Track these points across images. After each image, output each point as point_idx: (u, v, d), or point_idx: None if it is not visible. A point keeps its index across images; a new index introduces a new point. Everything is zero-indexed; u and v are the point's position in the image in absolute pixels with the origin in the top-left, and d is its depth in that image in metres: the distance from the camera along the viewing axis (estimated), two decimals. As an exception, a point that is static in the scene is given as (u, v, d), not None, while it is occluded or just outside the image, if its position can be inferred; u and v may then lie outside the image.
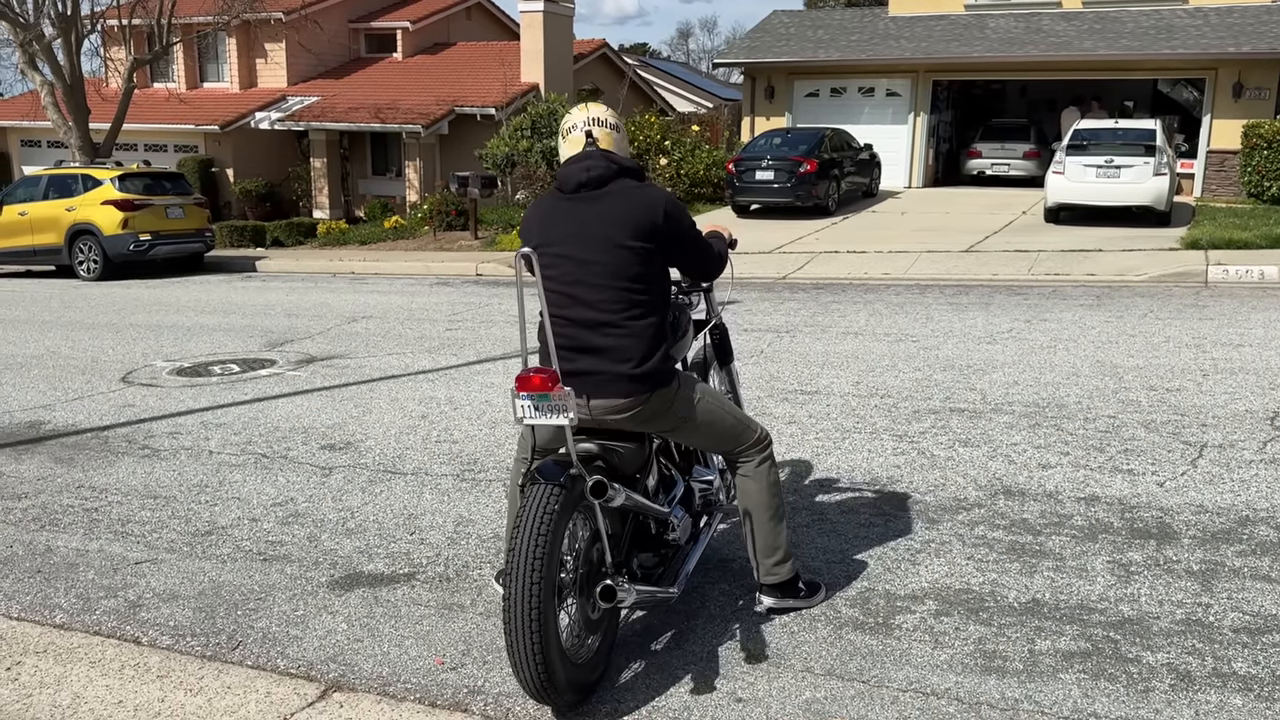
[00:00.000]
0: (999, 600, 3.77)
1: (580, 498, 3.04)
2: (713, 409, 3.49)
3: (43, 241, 16.45)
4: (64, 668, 3.56)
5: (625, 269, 3.22)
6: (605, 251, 3.22)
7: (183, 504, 5.16)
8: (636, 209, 3.24)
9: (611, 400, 3.22)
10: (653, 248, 3.26)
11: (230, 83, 27.22)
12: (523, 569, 2.87)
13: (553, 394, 2.96)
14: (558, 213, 3.31)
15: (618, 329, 3.21)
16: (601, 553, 3.17)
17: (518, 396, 2.99)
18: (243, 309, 12.01)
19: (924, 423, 6.04)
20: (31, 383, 8.12)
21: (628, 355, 3.21)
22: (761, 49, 23.63)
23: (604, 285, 3.22)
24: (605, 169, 3.28)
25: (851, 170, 19.74)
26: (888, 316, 9.68)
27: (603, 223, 3.23)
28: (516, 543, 2.90)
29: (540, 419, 3.01)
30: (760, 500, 3.58)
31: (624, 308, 3.22)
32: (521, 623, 2.86)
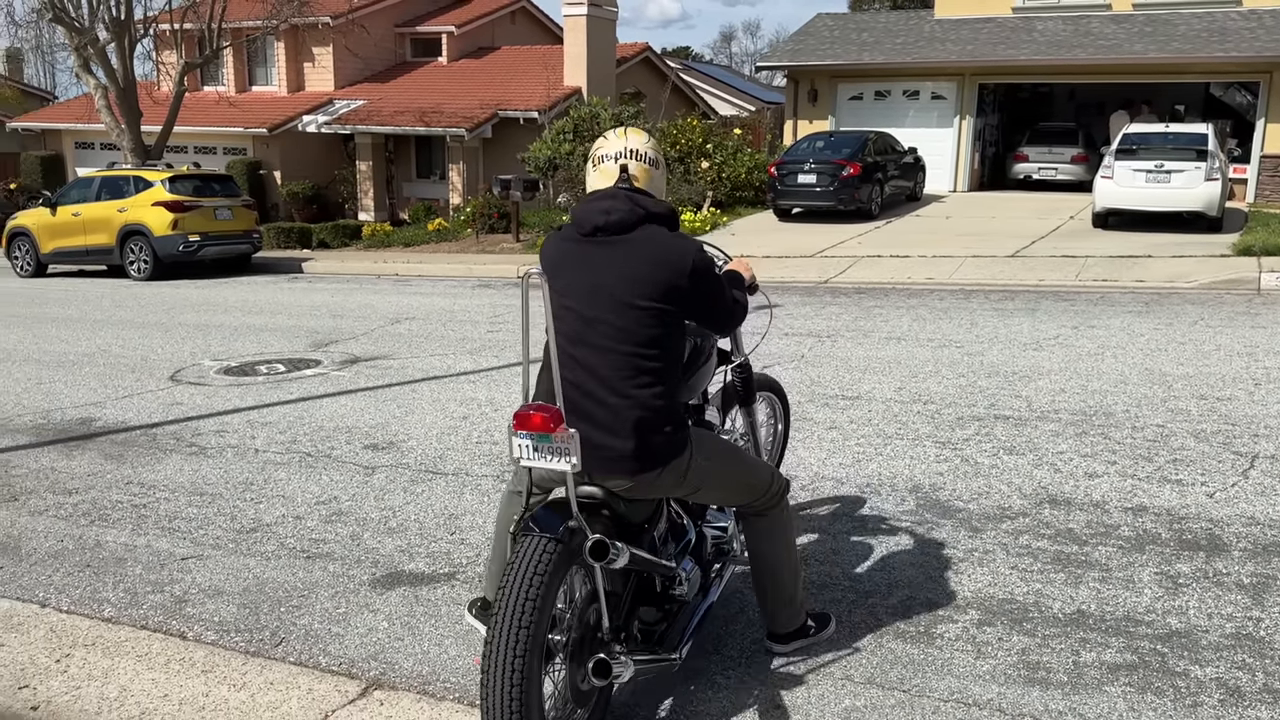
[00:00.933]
0: (1043, 611, 3.72)
1: (578, 552, 2.69)
2: (730, 469, 3.15)
3: (95, 242, 16.76)
4: (112, 660, 3.62)
5: (637, 332, 2.83)
6: (615, 310, 2.83)
7: (229, 501, 5.24)
8: (660, 265, 2.83)
9: (615, 479, 2.86)
10: (672, 309, 2.87)
11: (279, 86, 27.61)
12: (507, 630, 2.55)
13: (555, 435, 2.66)
14: (569, 257, 2.93)
15: (623, 399, 2.82)
16: (599, 615, 2.82)
17: (515, 434, 2.70)
18: (289, 309, 12.16)
19: (968, 430, 5.97)
20: (83, 380, 8.28)
21: (632, 431, 2.82)
22: (805, 52, 23.53)
23: (609, 349, 2.83)
24: (629, 213, 2.87)
25: (895, 174, 19.59)
26: (931, 322, 9.59)
27: (618, 277, 2.84)
28: (503, 599, 2.58)
29: (539, 462, 2.70)
30: (778, 555, 3.31)
31: (631, 375, 2.82)
32: (500, 691, 2.54)
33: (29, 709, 3.34)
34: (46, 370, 8.75)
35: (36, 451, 6.26)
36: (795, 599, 3.37)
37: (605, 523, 2.83)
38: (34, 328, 11.26)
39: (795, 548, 3.38)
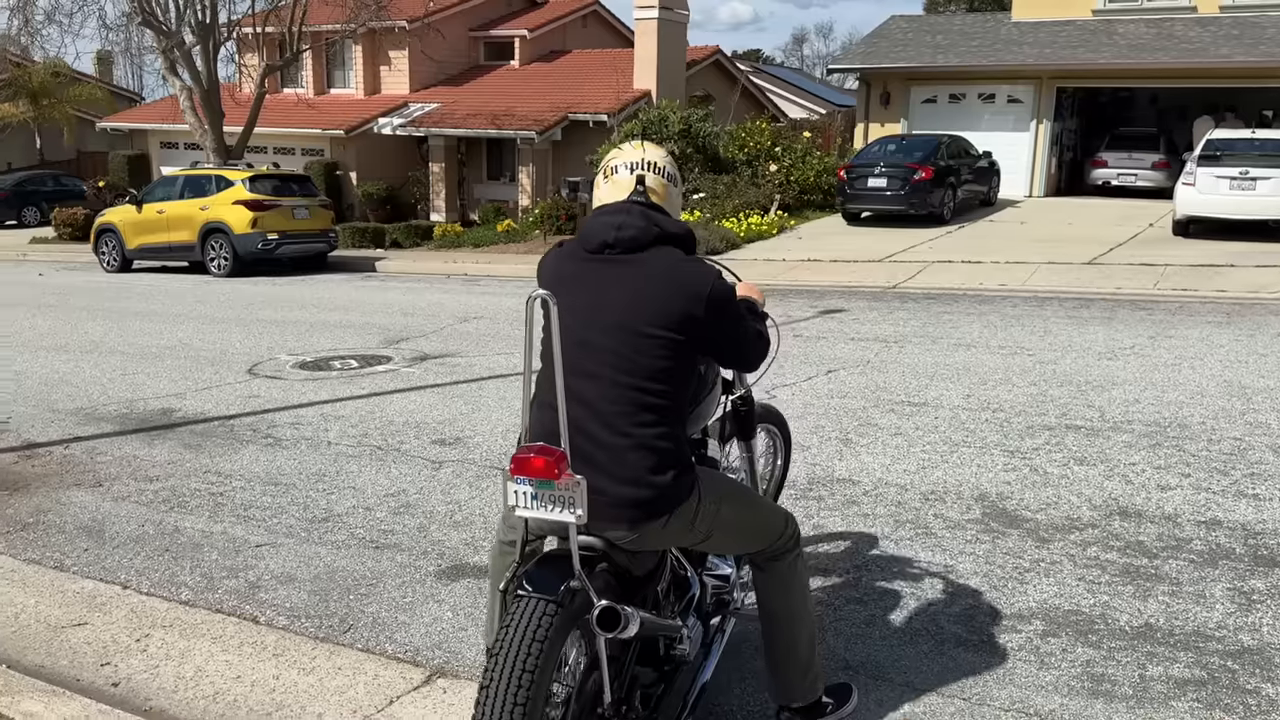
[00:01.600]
0: (1110, 623, 3.66)
1: (579, 615, 2.37)
2: (741, 513, 2.82)
3: (178, 239, 17.28)
4: (188, 642, 3.76)
5: (643, 362, 2.51)
6: (619, 337, 2.52)
7: (302, 491, 5.38)
8: (672, 292, 2.52)
9: (615, 529, 2.51)
10: (682, 340, 2.54)
11: (356, 89, 28.15)
12: (500, 706, 2.22)
13: (559, 483, 2.29)
14: (571, 274, 2.60)
15: (623, 438, 2.50)
16: (598, 684, 2.47)
17: (512, 480, 2.33)
18: (362, 307, 12.42)
19: (1037, 439, 5.88)
20: (165, 372, 8.56)
21: (636, 473, 2.49)
22: (878, 55, 23.31)
23: (610, 380, 2.52)
24: (643, 230, 2.56)
25: (969, 178, 19.32)
26: (1003, 329, 9.44)
27: (626, 300, 2.52)
28: (494, 670, 2.25)
29: (539, 513, 2.33)
30: (793, 609, 2.92)
31: (633, 411, 2.50)
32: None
33: (110, 685, 3.48)
34: (131, 361, 9.07)
35: (120, 439, 6.49)
36: (812, 665, 2.95)
37: (606, 578, 2.49)
38: (120, 321, 11.66)
39: (811, 601, 3.00)
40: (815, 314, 10.73)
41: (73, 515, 5.10)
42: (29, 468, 5.93)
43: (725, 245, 16.43)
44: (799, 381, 7.46)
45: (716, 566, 3.28)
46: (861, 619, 3.76)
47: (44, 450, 6.29)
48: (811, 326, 9.92)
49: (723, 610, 3.26)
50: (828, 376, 7.62)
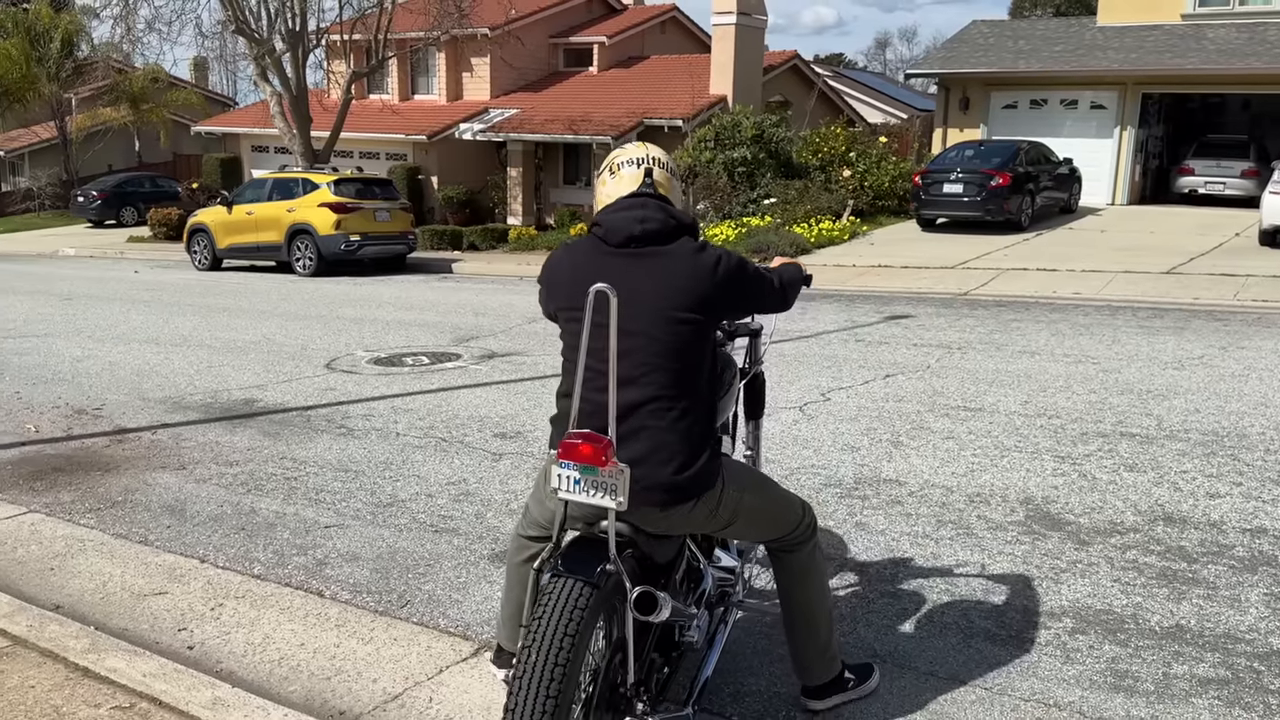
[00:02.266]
0: (1140, 623, 3.71)
1: (610, 598, 2.46)
2: (762, 501, 2.92)
3: (266, 239, 17.96)
4: (258, 612, 4.04)
5: (676, 347, 2.64)
6: (654, 324, 2.62)
7: (370, 478, 5.67)
8: (698, 277, 2.67)
9: (647, 510, 2.59)
10: (705, 320, 2.69)
11: (439, 95, 28.82)
12: (536, 685, 2.28)
13: (603, 469, 2.36)
14: (596, 269, 2.65)
15: (659, 421, 2.61)
16: (623, 663, 2.56)
17: (559, 465, 2.41)
18: (436, 307, 12.81)
19: (1090, 445, 5.89)
20: (249, 365, 8.99)
21: (670, 455, 2.61)
22: (958, 59, 23.10)
23: (647, 365, 2.62)
24: (664, 223, 2.70)
25: (1048, 185, 19.07)
26: (1070, 337, 9.38)
27: (656, 290, 2.64)
28: (531, 647, 2.32)
29: (581, 496, 2.41)
30: (811, 596, 3.05)
31: (670, 396, 2.63)
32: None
33: (185, 648, 3.77)
34: (217, 355, 9.53)
35: (204, 427, 6.88)
36: (830, 646, 3.10)
37: (633, 563, 2.58)
38: (208, 316, 12.22)
39: (828, 587, 3.17)
40: (880, 319, 10.77)
41: (158, 495, 5.46)
42: (119, 451, 6.34)
43: (795, 250, 16.48)
44: (856, 385, 7.55)
45: (721, 559, 3.39)
46: (893, 611, 3.87)
47: (134, 435, 6.70)
48: (875, 331, 9.96)
49: (725, 602, 3.37)
50: (885, 380, 7.68)
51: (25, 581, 4.37)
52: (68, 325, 11.63)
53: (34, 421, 7.09)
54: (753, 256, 16.34)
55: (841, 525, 4.76)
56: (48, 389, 8.14)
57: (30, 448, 6.44)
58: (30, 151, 37.19)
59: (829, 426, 6.43)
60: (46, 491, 5.56)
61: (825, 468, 5.59)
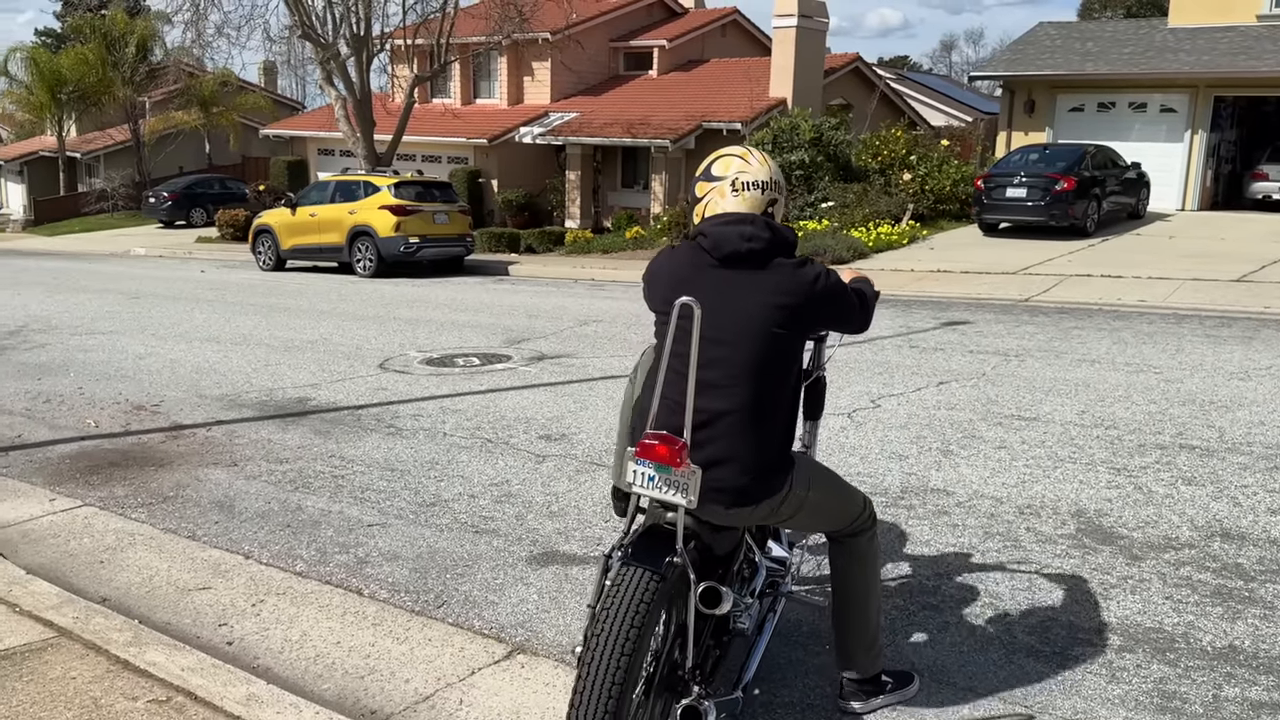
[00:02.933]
0: (1191, 643, 3.58)
1: (675, 587, 2.59)
2: (828, 496, 3.01)
3: (328, 240, 18.25)
4: (297, 608, 4.08)
5: (764, 361, 2.73)
6: (748, 337, 2.73)
7: (414, 477, 5.71)
8: (795, 294, 2.74)
9: (713, 507, 2.73)
10: (795, 334, 2.79)
11: (500, 99, 29.07)
12: (604, 662, 2.43)
13: (677, 469, 2.50)
14: (696, 278, 2.77)
15: (738, 431, 2.72)
16: (683, 648, 2.68)
17: (635, 461, 2.55)
18: (490, 309, 12.89)
19: (1147, 457, 5.72)
20: (304, 364, 9.13)
21: (744, 465, 2.72)
22: (1023, 61, 22.68)
23: (734, 377, 2.72)
24: (769, 241, 2.75)
25: (1115, 190, 18.62)
26: (1133, 345, 9.13)
27: (753, 304, 2.72)
28: (600, 631, 2.47)
29: (655, 493, 2.55)
30: (866, 583, 3.11)
31: (755, 407, 2.73)
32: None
33: (225, 643, 3.82)
34: (274, 354, 9.70)
35: (258, 424, 6.99)
36: (877, 640, 3.15)
37: (694, 555, 2.69)
38: (268, 316, 12.44)
39: (880, 581, 3.22)
40: (937, 325, 10.60)
41: (208, 491, 5.55)
42: (174, 447, 6.47)
43: (852, 255, 16.31)
44: (907, 392, 7.42)
45: (772, 549, 3.46)
46: (935, 625, 3.78)
47: (189, 431, 6.83)
48: (931, 338, 9.80)
49: (774, 591, 3.43)
50: (938, 388, 7.55)
51: (76, 574, 4.47)
52: (133, 323, 11.92)
53: (94, 417, 7.27)
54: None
55: (885, 535, 4.67)
56: (110, 385, 8.35)
57: (89, 442, 6.60)
58: (106, 153, 38.29)
59: (878, 434, 6.33)
60: (102, 485, 5.69)
61: (871, 476, 5.50)
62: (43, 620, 3.86)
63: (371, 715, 3.31)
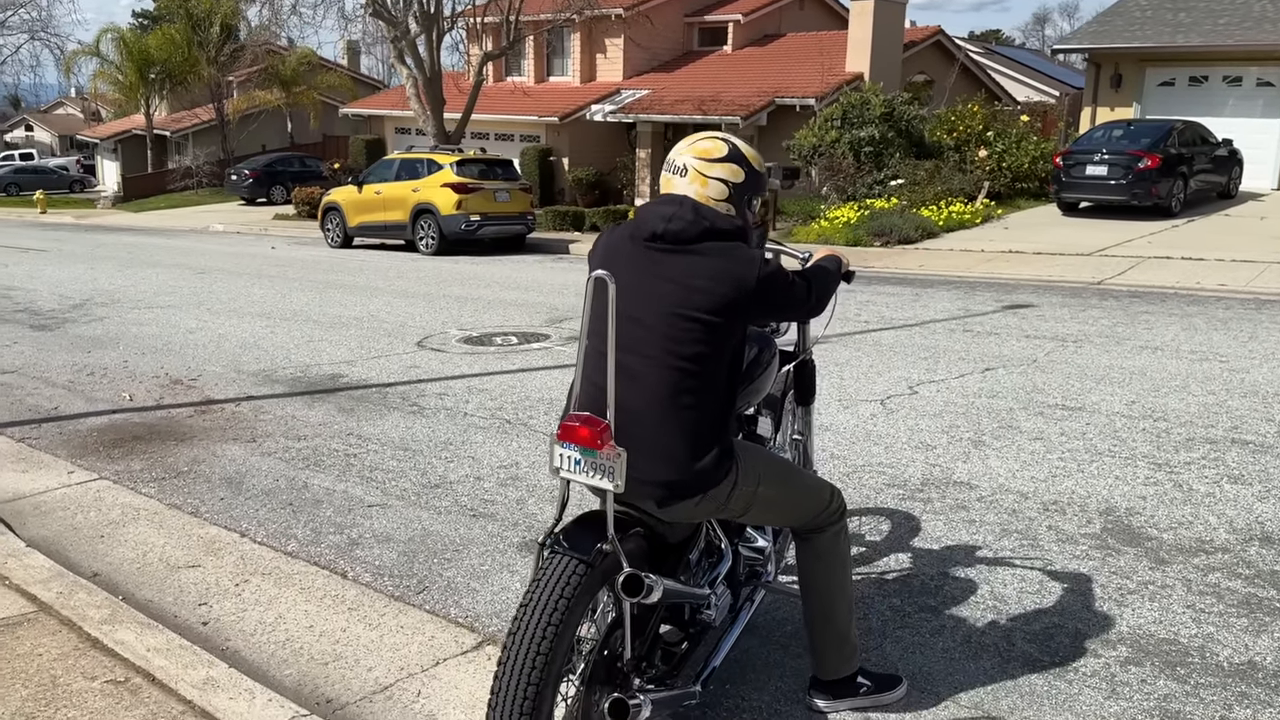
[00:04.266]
0: (1206, 658, 3.30)
1: (608, 575, 2.50)
2: (781, 492, 2.86)
3: (392, 218, 18.39)
4: (279, 590, 4.03)
5: (687, 346, 2.58)
6: (667, 321, 2.59)
7: (425, 457, 5.64)
8: (718, 281, 2.58)
9: (642, 501, 2.62)
10: (724, 324, 2.60)
11: (573, 77, 28.96)
12: (523, 652, 2.37)
13: (601, 452, 2.43)
14: (625, 256, 2.67)
15: (663, 418, 2.58)
16: (621, 641, 2.57)
17: (559, 445, 2.49)
18: (541, 287, 12.82)
19: (1194, 452, 5.35)
20: (345, 341, 9.16)
21: (669, 453, 2.58)
22: (1110, 34, 21.71)
23: (655, 360, 2.59)
24: (692, 224, 2.62)
25: (1204, 168, 17.73)
26: (1203, 332, 8.63)
27: (674, 287, 2.59)
28: (523, 618, 2.41)
29: (580, 477, 2.48)
30: (832, 580, 2.98)
31: (675, 392, 2.58)
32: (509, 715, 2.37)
33: (200, 623, 3.79)
34: (320, 330, 9.76)
35: (286, 400, 7.01)
36: (849, 638, 3.01)
37: (640, 542, 2.61)
38: (323, 292, 12.56)
39: (851, 575, 3.04)
40: (997, 308, 10.18)
41: (221, 467, 5.56)
42: (200, 422, 6.51)
43: (920, 234, 15.83)
44: (949, 379, 7.11)
45: (754, 539, 3.35)
46: (929, 628, 3.56)
47: (218, 407, 6.88)
48: (987, 321, 9.42)
49: (755, 581, 3.32)
50: (983, 375, 7.21)
51: (75, 548, 4.50)
52: (193, 298, 12.14)
53: (131, 390, 7.37)
54: (873, 240, 15.79)
55: (896, 530, 4.44)
56: (154, 359, 8.48)
57: (120, 415, 6.69)
58: (194, 132, 39.35)
59: (908, 422, 6.05)
60: (121, 459, 5.74)
61: (892, 466, 5.25)
62: (27, 594, 3.88)
63: (327, 704, 3.23)
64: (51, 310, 11.36)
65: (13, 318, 10.89)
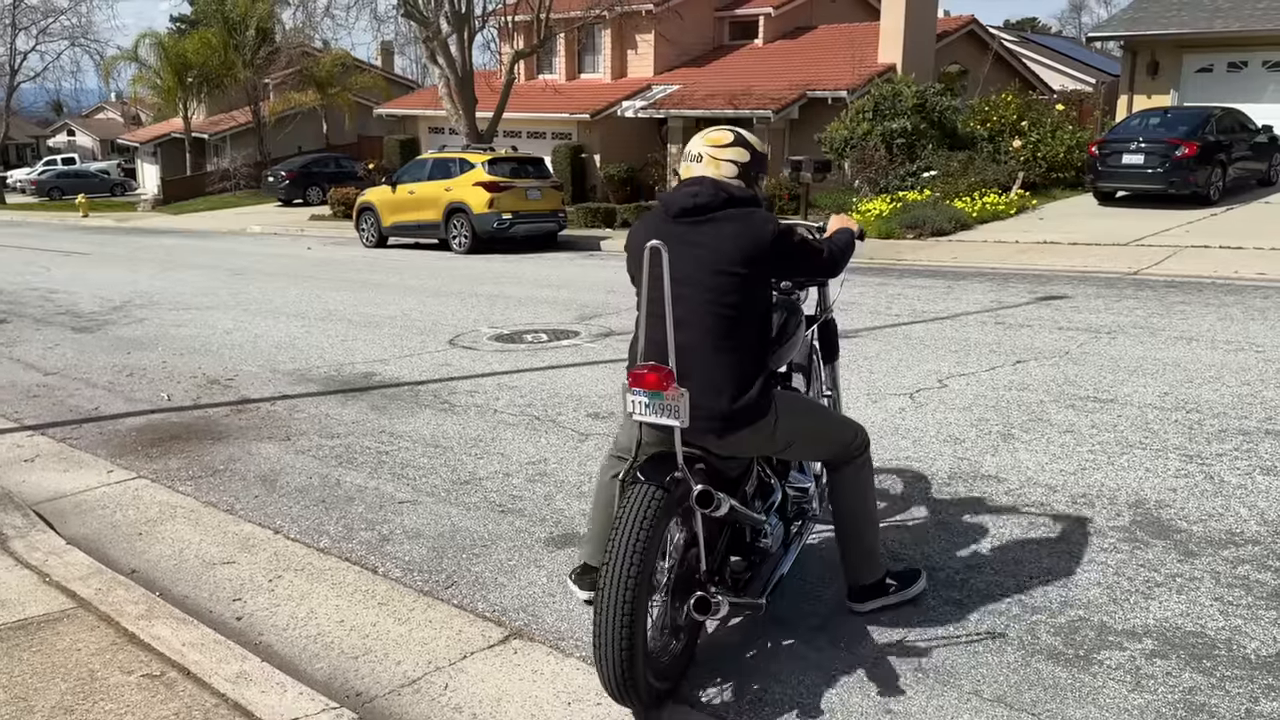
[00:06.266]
0: (1233, 650, 3.27)
1: (681, 501, 2.96)
2: (814, 427, 3.45)
3: (426, 217, 18.53)
4: (311, 585, 4.11)
5: (722, 296, 3.10)
6: (704, 276, 3.10)
7: (455, 454, 5.71)
8: (742, 238, 3.12)
9: (706, 439, 3.10)
10: (751, 274, 3.13)
11: (604, 74, 29.03)
12: (619, 568, 2.83)
13: (666, 394, 2.87)
14: (660, 234, 3.08)
15: (716, 362, 3.08)
16: (697, 558, 3.07)
17: (630, 391, 2.94)
18: (571, 284, 12.88)
19: (1226, 444, 5.29)
20: (379, 339, 9.27)
21: (719, 388, 3.07)
22: (1146, 20, 21.39)
23: (698, 311, 3.08)
24: (712, 196, 3.16)
25: (1244, 155, 17.44)
26: (1240, 322, 8.51)
27: (706, 249, 3.11)
28: (615, 540, 2.88)
29: (651, 417, 2.93)
30: (858, 505, 3.52)
31: (719, 338, 3.09)
32: (612, 622, 2.82)
33: (234, 619, 3.87)
34: (354, 329, 9.88)
35: (319, 399, 7.12)
36: (875, 551, 3.59)
37: (703, 475, 3.03)
38: (358, 291, 12.71)
39: (875, 499, 3.62)
40: (1031, 300, 10.10)
41: (256, 465, 5.67)
42: (236, 420, 6.63)
43: (953, 226, 15.72)
44: (979, 371, 7.07)
45: (798, 480, 3.79)
46: (953, 620, 3.56)
47: (253, 406, 7.00)
48: (1020, 313, 9.34)
49: (802, 517, 3.79)
50: (1014, 367, 7.17)
51: (114, 545, 4.61)
52: (230, 299, 12.34)
53: (169, 390, 7.52)
54: (905, 233, 15.68)
55: (922, 523, 4.44)
56: (192, 359, 8.63)
57: (158, 415, 6.82)
58: (232, 134, 39.90)
59: (937, 416, 6.03)
60: (159, 458, 5.86)
61: (920, 460, 5.24)
62: (67, 591, 3.98)
63: (356, 697, 3.29)
64: (92, 312, 11.59)
65: (55, 320, 11.13)
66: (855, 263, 3.68)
